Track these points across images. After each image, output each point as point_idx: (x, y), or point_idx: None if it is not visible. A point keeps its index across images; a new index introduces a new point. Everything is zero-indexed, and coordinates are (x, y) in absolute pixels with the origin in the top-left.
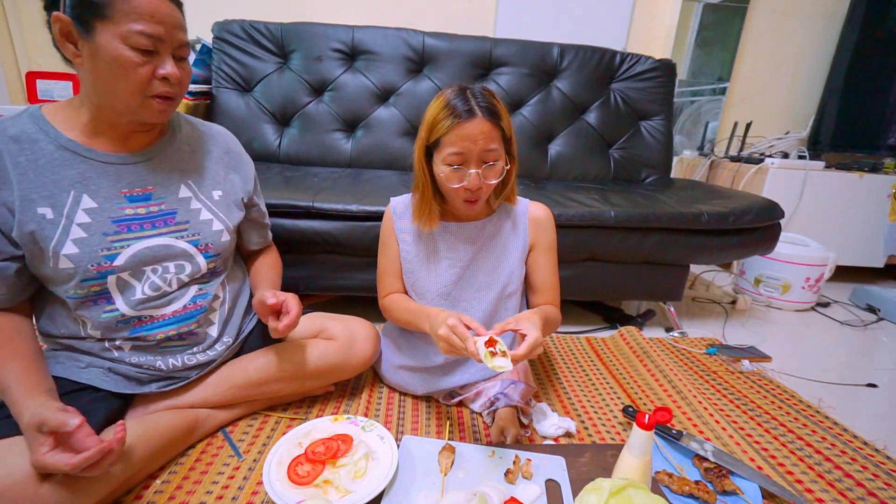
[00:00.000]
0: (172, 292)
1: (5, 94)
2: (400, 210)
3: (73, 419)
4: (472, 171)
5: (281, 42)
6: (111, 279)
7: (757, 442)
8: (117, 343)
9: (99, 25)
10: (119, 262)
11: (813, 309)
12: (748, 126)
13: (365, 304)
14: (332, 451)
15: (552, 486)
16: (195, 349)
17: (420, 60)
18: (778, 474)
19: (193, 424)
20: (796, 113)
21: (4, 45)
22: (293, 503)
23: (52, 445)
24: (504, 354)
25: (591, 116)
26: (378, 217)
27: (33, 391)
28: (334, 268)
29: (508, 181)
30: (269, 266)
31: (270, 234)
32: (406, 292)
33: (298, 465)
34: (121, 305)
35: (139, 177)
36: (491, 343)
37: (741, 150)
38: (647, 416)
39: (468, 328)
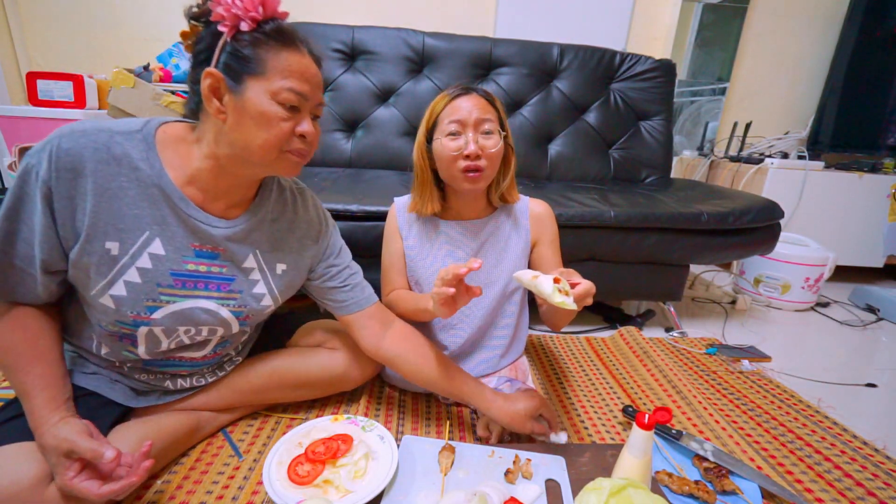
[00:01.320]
0: (196, 357)
1: (6, 93)
2: (402, 208)
3: (108, 452)
4: (471, 135)
5: None
6: (143, 329)
7: (756, 442)
8: (129, 365)
9: (250, 81)
10: (157, 316)
11: (812, 309)
12: (748, 126)
13: None
14: (332, 450)
15: (552, 486)
16: (205, 374)
17: (420, 60)
18: (777, 474)
19: (195, 426)
20: (796, 113)
21: (4, 45)
22: (293, 503)
23: (78, 470)
24: (567, 294)
25: (591, 116)
26: (379, 217)
27: (55, 402)
28: None
29: (508, 170)
30: (437, 354)
31: (372, 298)
32: (410, 288)
33: (298, 465)
34: (142, 353)
35: (214, 239)
36: (556, 282)
37: (741, 150)
38: (646, 415)
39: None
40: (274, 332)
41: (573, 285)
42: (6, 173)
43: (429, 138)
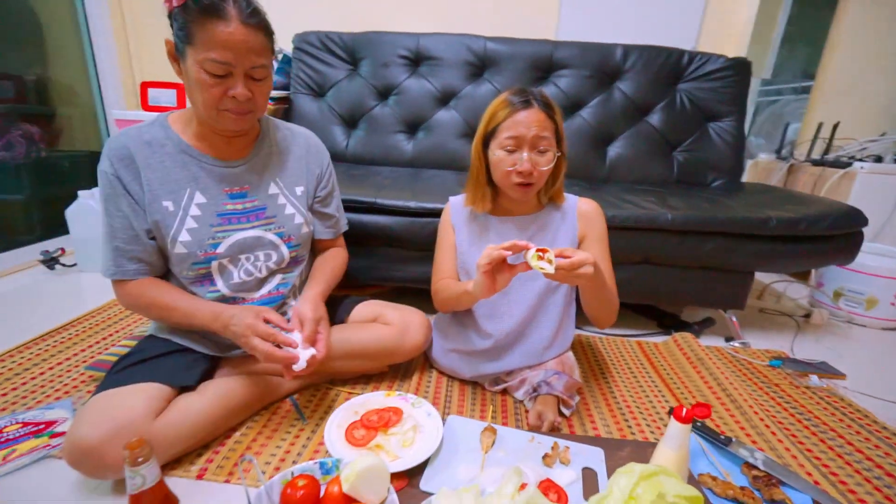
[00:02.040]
0: (263, 279)
1: (123, 100)
2: (457, 206)
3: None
4: (525, 154)
5: (352, 50)
6: (214, 264)
7: (818, 458)
8: None
9: (188, 50)
10: (221, 249)
11: None
12: (835, 127)
13: (419, 295)
14: (384, 420)
15: (588, 474)
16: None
17: (481, 64)
18: (838, 492)
19: (266, 390)
20: (895, 112)
21: (123, 60)
22: (350, 457)
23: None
24: (550, 262)
25: (655, 118)
26: (434, 213)
27: (218, 307)
28: (392, 260)
29: (558, 176)
30: (325, 260)
31: (341, 228)
32: (458, 279)
33: (355, 430)
34: (221, 287)
35: (238, 178)
36: (542, 251)
37: (826, 153)
38: (684, 409)
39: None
40: (335, 312)
41: (566, 258)
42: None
43: (485, 142)
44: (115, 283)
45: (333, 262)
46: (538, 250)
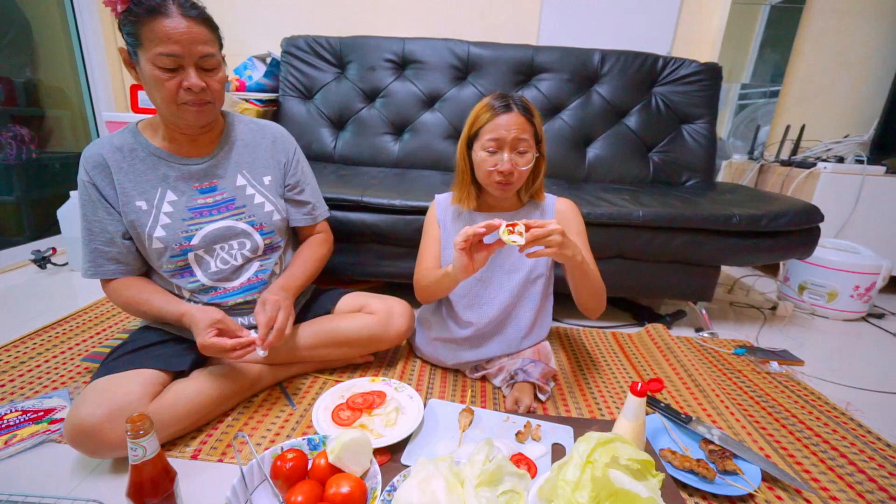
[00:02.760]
0: (239, 266)
1: (113, 102)
2: (443, 203)
3: (246, 334)
4: (506, 155)
5: (339, 54)
6: (191, 255)
7: (771, 435)
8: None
9: (139, 52)
10: (195, 241)
11: (864, 319)
12: (802, 129)
13: (405, 290)
14: (368, 402)
15: (557, 449)
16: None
17: (465, 68)
18: (786, 464)
19: (257, 377)
20: (858, 116)
21: (113, 62)
22: (336, 434)
23: (215, 333)
24: (521, 235)
25: (632, 120)
26: (419, 211)
27: (178, 302)
28: (379, 256)
29: (538, 176)
30: (302, 250)
31: (319, 216)
32: None
33: (341, 411)
34: (200, 277)
35: (206, 173)
36: (512, 226)
37: (793, 154)
38: (639, 384)
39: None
40: (321, 302)
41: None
42: None
43: (469, 143)
44: (102, 283)
45: (311, 251)
46: (508, 225)
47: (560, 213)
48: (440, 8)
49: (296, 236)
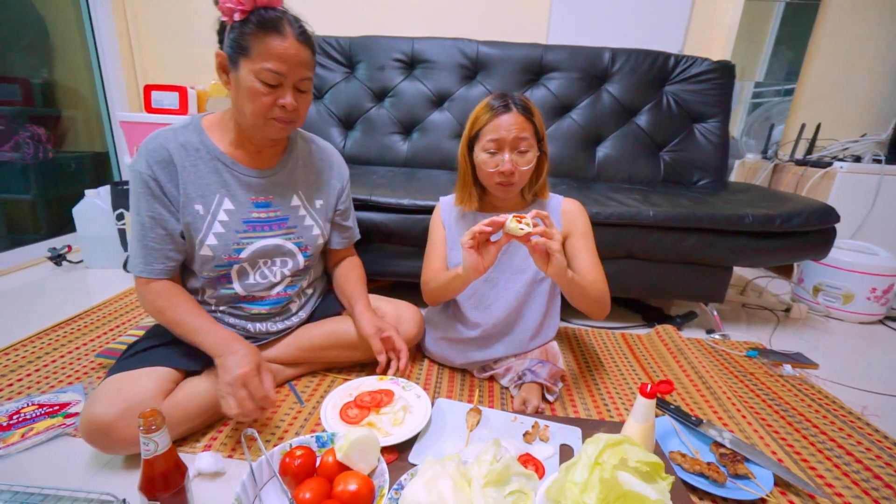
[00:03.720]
0: (276, 283)
1: (127, 103)
2: (447, 205)
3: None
4: (506, 156)
5: (349, 54)
6: (235, 267)
7: (783, 438)
8: (222, 308)
9: (242, 61)
10: (244, 255)
11: (881, 322)
12: (818, 128)
13: (412, 289)
14: (376, 401)
15: (565, 450)
16: (277, 319)
17: (473, 67)
18: (799, 468)
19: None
20: (876, 114)
21: (127, 63)
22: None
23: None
24: (528, 225)
25: (642, 119)
26: (426, 210)
27: (229, 336)
28: (387, 255)
29: (541, 174)
30: (352, 271)
31: (354, 239)
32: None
33: (349, 409)
34: (237, 287)
35: (264, 188)
36: (520, 218)
37: (809, 153)
38: (648, 386)
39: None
40: (331, 303)
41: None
42: (129, 169)
43: (470, 144)
44: (137, 279)
45: (357, 270)
46: (515, 216)
47: (566, 213)
48: (449, 7)
49: (321, 255)
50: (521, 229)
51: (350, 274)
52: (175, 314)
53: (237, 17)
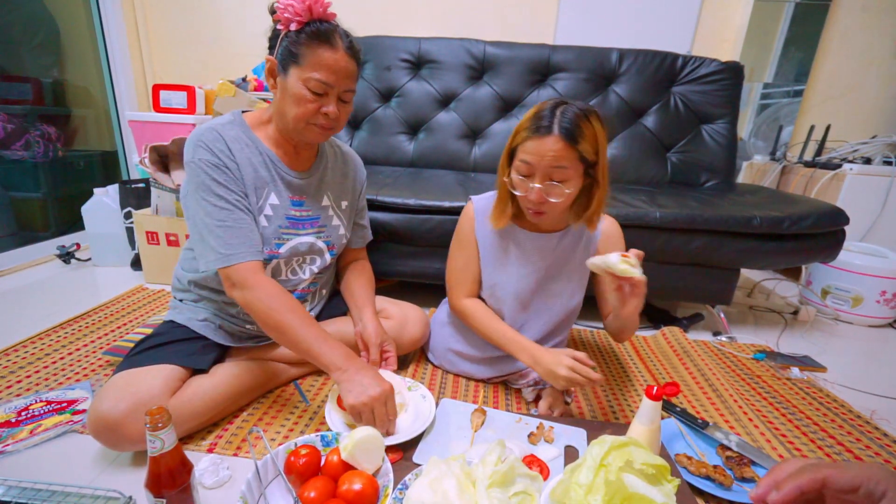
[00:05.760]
0: (303, 280)
1: (136, 102)
2: (481, 212)
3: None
4: (536, 185)
5: None
6: (272, 263)
7: (791, 442)
8: (235, 310)
9: (292, 68)
10: (282, 250)
11: (891, 326)
12: (827, 129)
13: (417, 289)
14: None
15: (570, 451)
16: None
17: (480, 68)
18: None
19: (272, 374)
20: (886, 116)
21: (136, 63)
22: (347, 430)
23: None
24: (633, 265)
25: (649, 120)
26: (433, 210)
27: (353, 355)
28: (393, 255)
29: (591, 202)
30: (361, 275)
31: (368, 238)
32: (478, 292)
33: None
34: None
35: (301, 188)
36: (624, 257)
37: (818, 154)
38: (654, 388)
39: None
40: (338, 304)
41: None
42: (137, 168)
43: (510, 155)
44: (235, 273)
45: (368, 274)
46: (623, 256)
47: (605, 234)
48: (456, 7)
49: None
50: (629, 272)
51: (360, 277)
52: (285, 318)
53: (293, 27)
